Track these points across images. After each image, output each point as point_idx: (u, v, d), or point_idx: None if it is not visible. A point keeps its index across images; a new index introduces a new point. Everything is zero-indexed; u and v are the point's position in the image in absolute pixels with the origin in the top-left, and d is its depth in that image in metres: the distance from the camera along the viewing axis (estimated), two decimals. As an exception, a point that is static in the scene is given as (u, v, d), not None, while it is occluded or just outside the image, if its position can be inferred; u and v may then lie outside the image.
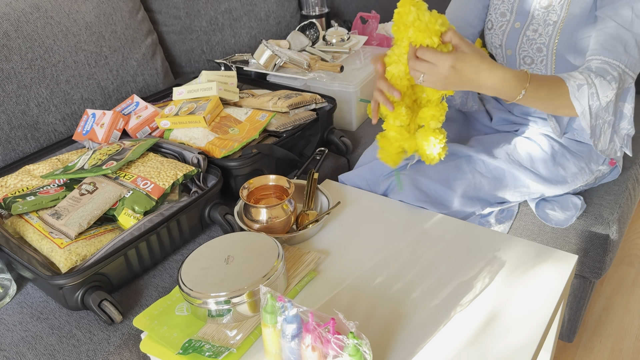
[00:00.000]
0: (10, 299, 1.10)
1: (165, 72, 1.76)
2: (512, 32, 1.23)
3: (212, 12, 1.87)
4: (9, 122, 1.38)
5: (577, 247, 1.31)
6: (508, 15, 1.23)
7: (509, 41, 1.25)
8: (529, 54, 1.24)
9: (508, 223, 1.33)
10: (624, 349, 1.57)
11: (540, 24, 1.18)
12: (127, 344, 1.02)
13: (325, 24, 2.11)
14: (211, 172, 1.27)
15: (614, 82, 1.05)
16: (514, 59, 1.28)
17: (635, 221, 2.04)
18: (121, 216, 1.14)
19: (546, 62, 1.23)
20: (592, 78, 1.05)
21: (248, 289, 0.91)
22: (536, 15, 1.19)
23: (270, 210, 1.11)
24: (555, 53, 1.20)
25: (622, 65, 1.06)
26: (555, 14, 1.16)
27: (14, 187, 1.21)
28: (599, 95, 1.05)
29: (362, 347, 0.73)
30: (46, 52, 1.45)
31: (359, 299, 0.99)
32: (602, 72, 1.06)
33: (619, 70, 1.06)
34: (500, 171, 1.26)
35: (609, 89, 1.05)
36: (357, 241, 1.13)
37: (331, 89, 1.63)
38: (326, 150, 1.47)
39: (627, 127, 1.19)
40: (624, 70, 1.06)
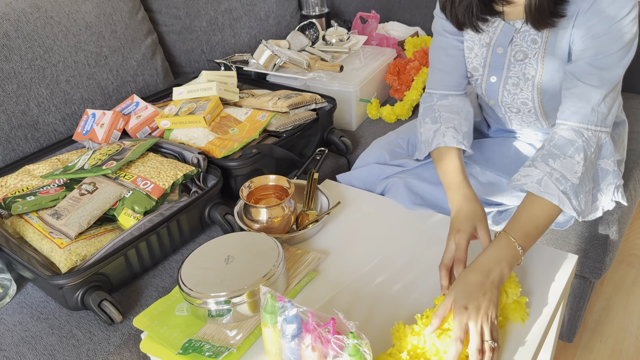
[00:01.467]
0: (10, 299, 1.10)
1: (165, 72, 1.76)
2: (490, 85, 1.19)
3: (212, 12, 1.87)
4: (9, 122, 1.38)
5: (577, 247, 1.31)
6: (480, 69, 1.18)
7: (489, 93, 1.21)
8: (515, 105, 1.19)
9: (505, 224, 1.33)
10: (624, 349, 1.57)
11: (520, 77, 1.13)
12: (127, 344, 1.02)
13: (325, 24, 2.11)
14: (211, 172, 1.27)
15: (579, 153, 1.00)
16: (499, 108, 1.24)
17: (635, 221, 2.04)
18: (121, 216, 1.13)
19: (533, 111, 1.18)
20: (551, 164, 0.99)
21: (248, 289, 0.91)
22: (512, 69, 1.14)
23: (270, 210, 1.11)
24: (543, 106, 1.15)
25: (591, 126, 1.02)
26: (532, 68, 1.11)
27: (14, 187, 1.21)
28: (567, 176, 0.99)
29: (362, 347, 0.73)
30: (46, 52, 1.45)
31: (359, 299, 0.99)
32: (562, 148, 1.00)
33: (589, 133, 1.02)
34: (496, 178, 1.26)
35: (574, 163, 1.00)
36: (357, 241, 1.13)
37: (331, 89, 1.62)
38: (326, 150, 1.47)
39: (614, 182, 1.12)
40: (594, 131, 1.02)
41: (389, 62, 1.78)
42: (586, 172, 1.01)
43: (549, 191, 0.98)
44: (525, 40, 1.10)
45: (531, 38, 1.10)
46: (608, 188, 1.13)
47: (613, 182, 1.13)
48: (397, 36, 1.99)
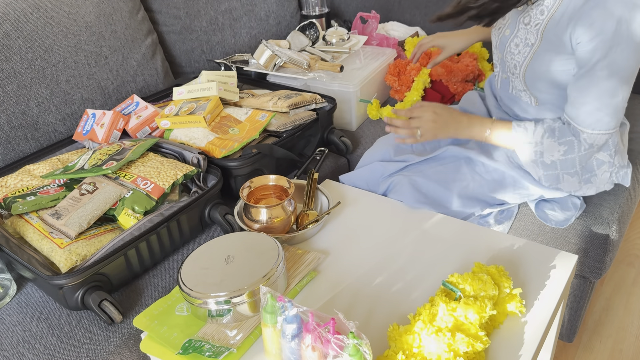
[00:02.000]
0: (10, 299, 1.10)
1: (165, 72, 1.76)
2: (503, 38, 1.25)
3: (212, 12, 1.87)
4: (9, 122, 1.38)
5: (577, 247, 1.31)
6: (505, 19, 1.25)
7: (500, 45, 1.26)
8: (510, 66, 1.23)
9: (508, 223, 1.33)
10: (624, 349, 1.57)
11: (521, 40, 1.19)
12: (127, 344, 1.02)
13: (325, 24, 2.11)
14: (211, 172, 1.27)
15: (565, 145, 1.15)
16: (504, 64, 1.27)
17: (635, 221, 2.04)
18: (121, 216, 1.13)
19: (520, 79, 1.22)
20: (544, 138, 1.16)
21: (248, 289, 0.91)
22: (520, 29, 1.19)
23: (270, 210, 1.11)
24: (525, 75, 1.19)
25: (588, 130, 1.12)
26: (532, 36, 1.16)
27: (14, 187, 1.21)
28: (544, 154, 1.17)
29: (362, 347, 0.73)
30: (46, 52, 1.45)
31: (359, 299, 0.99)
32: (560, 134, 1.15)
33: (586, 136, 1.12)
34: (499, 173, 1.26)
35: (555, 150, 1.15)
36: (357, 241, 1.13)
37: (331, 89, 1.62)
38: (326, 150, 1.47)
39: (609, 170, 1.22)
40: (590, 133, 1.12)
41: (389, 63, 1.78)
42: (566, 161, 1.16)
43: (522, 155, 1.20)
44: (537, 7, 1.15)
45: (540, 9, 1.14)
46: (603, 175, 1.22)
47: (608, 170, 1.22)
48: (397, 36, 1.99)
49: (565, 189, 1.22)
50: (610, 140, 1.18)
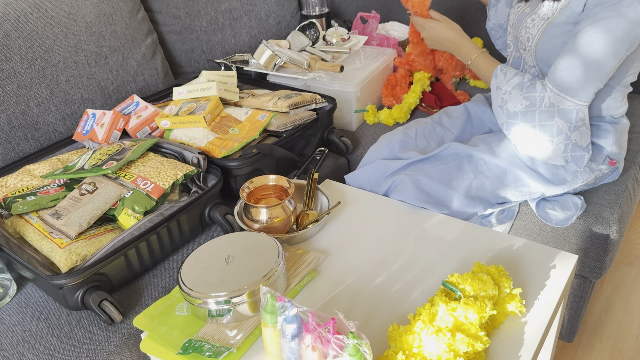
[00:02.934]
0: (10, 299, 1.10)
1: (165, 72, 1.76)
2: (521, 15, 1.30)
3: (212, 12, 1.87)
4: (9, 122, 1.38)
5: (577, 247, 1.31)
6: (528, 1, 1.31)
7: (517, 23, 1.32)
8: (523, 40, 1.29)
9: (509, 223, 1.33)
10: (624, 349, 1.57)
11: (539, 15, 1.24)
12: (127, 344, 1.02)
13: (325, 24, 2.11)
14: (211, 172, 1.27)
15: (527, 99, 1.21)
16: (517, 42, 1.34)
17: (635, 221, 2.04)
18: (121, 216, 1.13)
19: (531, 52, 1.27)
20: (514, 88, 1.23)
21: (248, 289, 0.91)
22: (542, 7, 1.24)
23: (270, 210, 1.11)
24: (536, 48, 1.25)
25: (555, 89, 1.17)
26: (551, 11, 1.21)
27: (14, 187, 1.21)
28: (508, 102, 1.24)
29: (362, 347, 0.73)
30: (46, 52, 1.45)
31: (359, 299, 0.99)
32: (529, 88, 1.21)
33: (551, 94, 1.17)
34: (501, 170, 1.26)
35: (518, 102, 1.22)
36: (357, 241, 1.13)
37: (331, 89, 1.62)
38: (326, 150, 1.47)
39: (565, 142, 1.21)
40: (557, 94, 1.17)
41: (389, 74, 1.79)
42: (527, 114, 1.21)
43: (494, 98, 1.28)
44: None
45: None
46: (558, 145, 1.22)
47: (563, 142, 1.22)
48: (398, 36, 1.99)
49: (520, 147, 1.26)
50: (574, 114, 1.17)
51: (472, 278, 0.91)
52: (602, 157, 1.29)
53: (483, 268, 0.96)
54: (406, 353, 0.83)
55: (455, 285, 0.91)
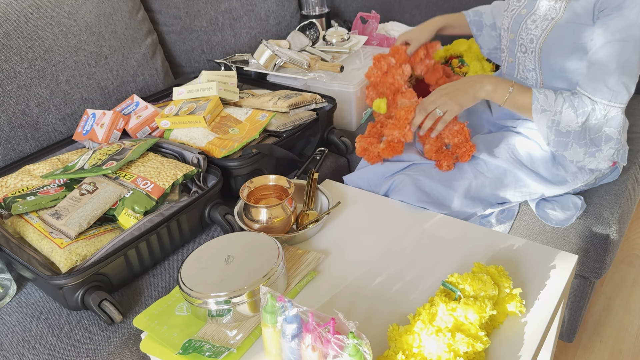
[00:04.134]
0: (10, 299, 1.10)
1: (165, 72, 1.76)
2: (518, 17, 1.28)
3: (212, 12, 1.87)
4: (9, 122, 1.38)
5: (577, 247, 1.31)
6: (521, 1, 1.29)
7: (514, 25, 1.30)
8: (524, 42, 1.27)
9: (509, 223, 1.33)
10: (624, 349, 1.57)
11: (540, 16, 1.23)
12: (127, 344, 1.02)
13: (325, 24, 2.11)
14: (211, 172, 1.27)
15: (582, 116, 1.16)
16: (514, 44, 1.31)
17: (635, 221, 2.04)
18: (121, 216, 1.14)
19: (534, 54, 1.26)
20: (563, 107, 1.17)
21: (248, 289, 0.91)
22: (541, 7, 1.23)
23: (270, 210, 1.11)
24: (542, 49, 1.23)
25: (604, 100, 1.15)
26: (554, 11, 1.20)
27: (14, 187, 1.21)
28: (561, 123, 1.18)
29: (362, 347, 0.73)
30: (46, 52, 1.45)
31: (359, 299, 0.99)
32: (578, 104, 1.16)
33: (600, 106, 1.15)
34: (501, 170, 1.26)
35: (574, 121, 1.17)
36: (357, 241, 1.13)
37: (331, 89, 1.62)
38: (326, 150, 1.47)
39: (615, 147, 1.23)
40: (606, 104, 1.15)
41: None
42: (580, 132, 1.18)
43: (539, 122, 1.20)
44: None
45: None
46: (608, 151, 1.23)
47: (614, 147, 1.22)
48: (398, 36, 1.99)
49: (569, 157, 1.23)
50: (621, 116, 1.19)
51: (472, 278, 0.91)
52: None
53: (483, 268, 0.96)
54: (406, 353, 0.83)
55: (455, 285, 0.91)
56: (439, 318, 0.86)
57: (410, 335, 0.85)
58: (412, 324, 0.87)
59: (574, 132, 1.18)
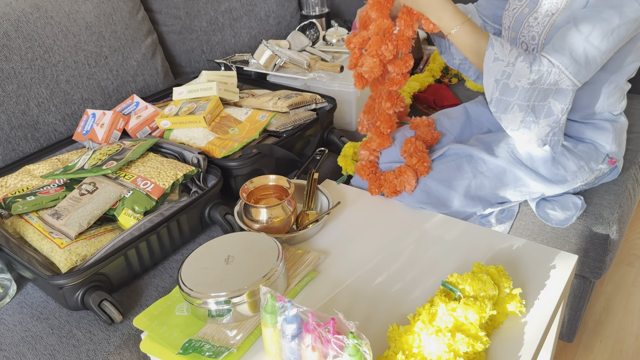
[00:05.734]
0: (10, 299, 1.10)
1: (165, 72, 1.76)
2: (520, 16, 1.28)
3: (212, 12, 1.87)
4: (9, 122, 1.38)
5: (577, 247, 1.31)
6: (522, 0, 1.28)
7: (515, 24, 1.29)
8: (526, 40, 1.26)
9: (509, 223, 1.33)
10: (624, 349, 1.57)
11: (542, 13, 1.22)
12: (127, 344, 1.02)
13: (325, 24, 2.11)
14: (211, 172, 1.27)
15: (536, 74, 1.10)
16: (515, 43, 1.31)
17: (635, 221, 2.04)
18: (121, 216, 1.14)
19: (536, 50, 1.25)
20: (517, 60, 1.11)
21: (248, 289, 0.91)
22: (543, 5, 1.22)
23: (270, 210, 1.11)
24: (544, 44, 1.22)
25: (561, 66, 1.10)
26: (555, 6, 1.20)
27: (14, 187, 1.21)
28: (511, 75, 1.11)
29: (362, 347, 0.73)
30: (46, 52, 1.45)
31: (359, 299, 0.99)
32: (534, 61, 1.11)
33: (556, 69, 1.10)
34: (500, 170, 1.26)
35: (525, 76, 1.11)
36: (357, 241, 1.13)
37: (331, 89, 1.62)
38: (326, 150, 1.47)
39: (552, 125, 1.18)
40: (562, 71, 1.11)
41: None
42: (528, 90, 1.12)
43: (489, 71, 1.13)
44: None
45: None
46: (544, 128, 1.19)
47: (551, 125, 1.18)
48: (397, 36, 1.99)
49: (504, 121, 1.19)
50: (570, 95, 1.15)
51: (472, 278, 0.91)
52: (602, 156, 1.29)
53: (483, 268, 0.96)
54: (406, 353, 0.83)
55: (455, 285, 0.91)
56: (438, 318, 0.86)
57: (410, 336, 0.85)
58: (412, 324, 0.87)
59: (521, 89, 1.12)
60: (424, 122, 1.39)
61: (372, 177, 1.29)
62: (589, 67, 1.11)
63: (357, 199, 1.26)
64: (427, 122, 1.39)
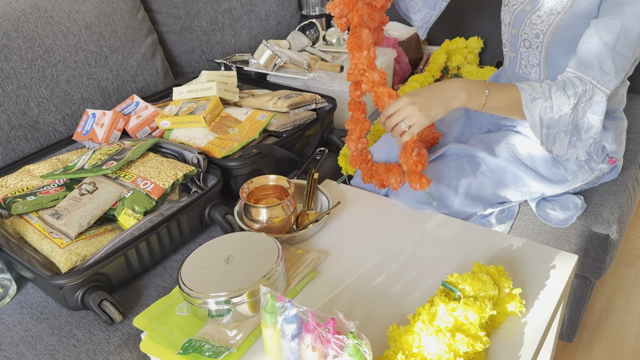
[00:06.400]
0: (10, 299, 1.10)
1: (165, 72, 1.76)
2: (521, 13, 1.26)
3: (212, 12, 1.87)
4: (9, 122, 1.38)
5: (577, 247, 1.31)
6: None
7: (516, 21, 1.28)
8: (529, 37, 1.26)
9: (509, 223, 1.33)
10: (624, 349, 1.57)
11: (546, 12, 1.21)
12: (127, 344, 1.02)
13: (326, 24, 2.11)
14: (211, 172, 1.27)
15: (574, 97, 1.10)
16: (517, 39, 1.30)
17: (635, 221, 2.04)
18: (121, 216, 1.14)
19: (540, 49, 1.24)
20: (552, 92, 1.10)
21: (248, 289, 0.91)
22: (546, 3, 1.22)
23: (270, 210, 1.11)
24: (549, 43, 1.22)
25: (593, 81, 1.10)
26: (561, 5, 1.19)
27: (14, 187, 1.21)
28: (553, 108, 1.11)
29: (362, 347, 0.73)
30: (46, 52, 1.45)
31: (359, 299, 0.99)
32: (566, 86, 1.11)
33: (589, 86, 1.11)
34: (501, 170, 1.26)
35: (566, 103, 1.11)
36: (357, 241, 1.13)
37: (331, 89, 1.62)
38: (326, 150, 1.47)
39: (594, 137, 1.18)
40: (594, 85, 1.11)
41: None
42: (570, 115, 1.12)
43: (531, 112, 1.11)
44: None
45: None
46: (587, 140, 1.18)
47: (593, 137, 1.17)
48: (397, 36, 1.99)
49: (554, 152, 1.18)
50: (604, 105, 1.15)
51: (472, 278, 0.91)
52: (602, 155, 1.29)
53: (483, 268, 0.96)
54: (406, 353, 0.83)
55: (455, 285, 0.91)
56: (438, 318, 0.86)
57: (410, 336, 0.85)
58: (412, 324, 0.87)
59: (564, 116, 1.12)
60: None
61: (365, 167, 1.27)
62: (619, 75, 1.12)
63: (357, 199, 1.26)
64: None
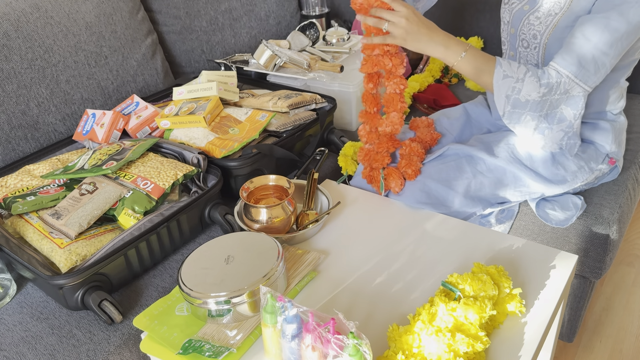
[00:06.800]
0: (10, 299, 1.10)
1: (165, 72, 1.76)
2: (519, 13, 1.27)
3: (212, 12, 1.87)
4: (9, 122, 1.38)
5: (577, 247, 1.31)
6: None
7: (515, 20, 1.29)
8: (527, 37, 1.26)
9: (508, 223, 1.33)
10: (624, 349, 1.57)
11: (544, 12, 1.22)
12: (127, 344, 1.02)
13: (325, 24, 2.11)
14: (211, 172, 1.27)
15: (545, 87, 1.13)
16: (515, 39, 1.30)
17: (635, 221, 2.04)
18: (121, 216, 1.14)
19: (538, 49, 1.25)
20: (526, 75, 1.13)
21: (248, 289, 0.91)
22: (544, 4, 1.22)
23: (270, 210, 1.11)
24: (547, 44, 1.22)
25: (571, 75, 1.12)
26: (559, 6, 1.19)
27: (14, 187, 1.21)
28: (522, 91, 1.14)
29: (362, 347, 0.73)
30: (46, 52, 1.45)
31: (359, 299, 0.99)
32: (542, 75, 1.13)
33: (565, 79, 1.12)
34: (500, 170, 1.26)
35: (535, 90, 1.13)
36: (357, 241, 1.13)
37: (331, 89, 1.62)
38: (326, 150, 1.47)
39: (566, 130, 1.19)
40: (572, 79, 1.13)
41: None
42: (539, 102, 1.14)
43: (500, 88, 1.15)
44: None
45: None
46: (558, 133, 1.20)
47: (565, 130, 1.19)
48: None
49: (517, 131, 1.21)
50: (582, 101, 1.16)
51: (472, 278, 0.91)
52: (602, 156, 1.29)
53: (483, 268, 0.96)
54: (406, 353, 0.83)
55: (455, 285, 0.91)
56: (438, 318, 0.86)
57: (410, 336, 0.85)
58: (412, 324, 0.87)
59: (532, 102, 1.14)
60: (424, 122, 1.39)
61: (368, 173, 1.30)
62: (598, 72, 1.13)
63: (357, 199, 1.26)
64: (426, 123, 1.39)
